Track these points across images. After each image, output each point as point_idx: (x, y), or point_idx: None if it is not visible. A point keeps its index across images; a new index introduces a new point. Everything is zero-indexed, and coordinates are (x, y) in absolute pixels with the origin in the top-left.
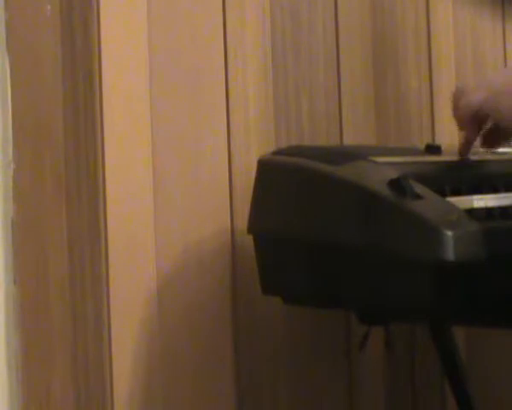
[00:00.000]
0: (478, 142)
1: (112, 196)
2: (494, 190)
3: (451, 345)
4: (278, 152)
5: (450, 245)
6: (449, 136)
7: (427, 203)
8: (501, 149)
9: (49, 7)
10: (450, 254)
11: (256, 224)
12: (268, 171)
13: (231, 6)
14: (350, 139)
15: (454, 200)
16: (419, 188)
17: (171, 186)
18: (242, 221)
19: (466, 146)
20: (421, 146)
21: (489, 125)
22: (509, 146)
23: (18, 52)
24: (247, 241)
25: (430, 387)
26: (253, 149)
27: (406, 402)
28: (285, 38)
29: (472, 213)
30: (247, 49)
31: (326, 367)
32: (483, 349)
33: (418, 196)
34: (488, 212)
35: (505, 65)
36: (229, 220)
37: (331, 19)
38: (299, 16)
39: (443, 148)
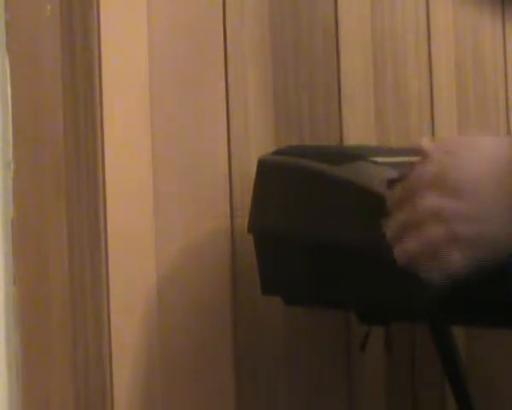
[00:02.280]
0: None
1: (112, 196)
2: None
3: (451, 345)
4: (278, 152)
5: None
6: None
7: None
8: None
9: (49, 7)
10: None
11: (256, 223)
12: (268, 171)
13: (231, 6)
14: (350, 139)
15: None
16: None
17: (170, 186)
18: (242, 221)
19: None
20: None
21: None
22: None
23: (18, 52)
24: (247, 241)
25: (430, 387)
26: (253, 149)
27: (406, 402)
28: (285, 39)
29: None
30: (247, 49)
31: (326, 367)
32: (483, 349)
33: None
34: None
35: (505, 65)
36: (229, 220)
37: (331, 19)
38: (299, 16)
39: None
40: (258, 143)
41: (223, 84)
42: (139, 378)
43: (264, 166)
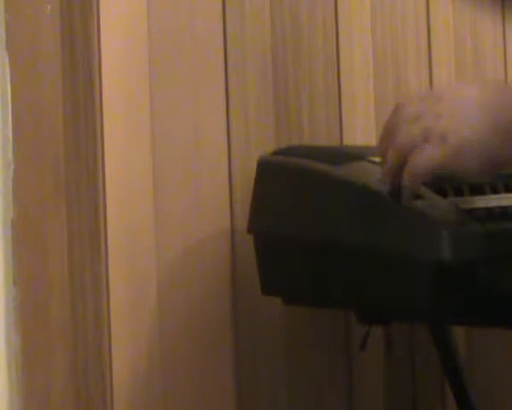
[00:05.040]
0: None
1: (112, 196)
2: (494, 190)
3: (451, 345)
4: (278, 152)
5: (448, 245)
6: None
7: (427, 203)
8: None
9: (49, 7)
10: (447, 253)
11: (256, 223)
12: (268, 171)
13: (231, 6)
14: (350, 139)
15: (454, 200)
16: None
17: (170, 186)
18: (242, 221)
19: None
20: None
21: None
22: None
23: (18, 52)
24: (247, 241)
25: (430, 387)
26: (253, 149)
27: (406, 402)
28: (285, 38)
29: (472, 213)
30: (247, 49)
31: (326, 367)
32: (483, 349)
33: (418, 196)
34: (488, 212)
35: (505, 65)
36: (229, 220)
37: (331, 19)
38: (299, 16)
39: None
40: (258, 143)
41: (223, 84)
42: (139, 378)
43: (264, 166)
